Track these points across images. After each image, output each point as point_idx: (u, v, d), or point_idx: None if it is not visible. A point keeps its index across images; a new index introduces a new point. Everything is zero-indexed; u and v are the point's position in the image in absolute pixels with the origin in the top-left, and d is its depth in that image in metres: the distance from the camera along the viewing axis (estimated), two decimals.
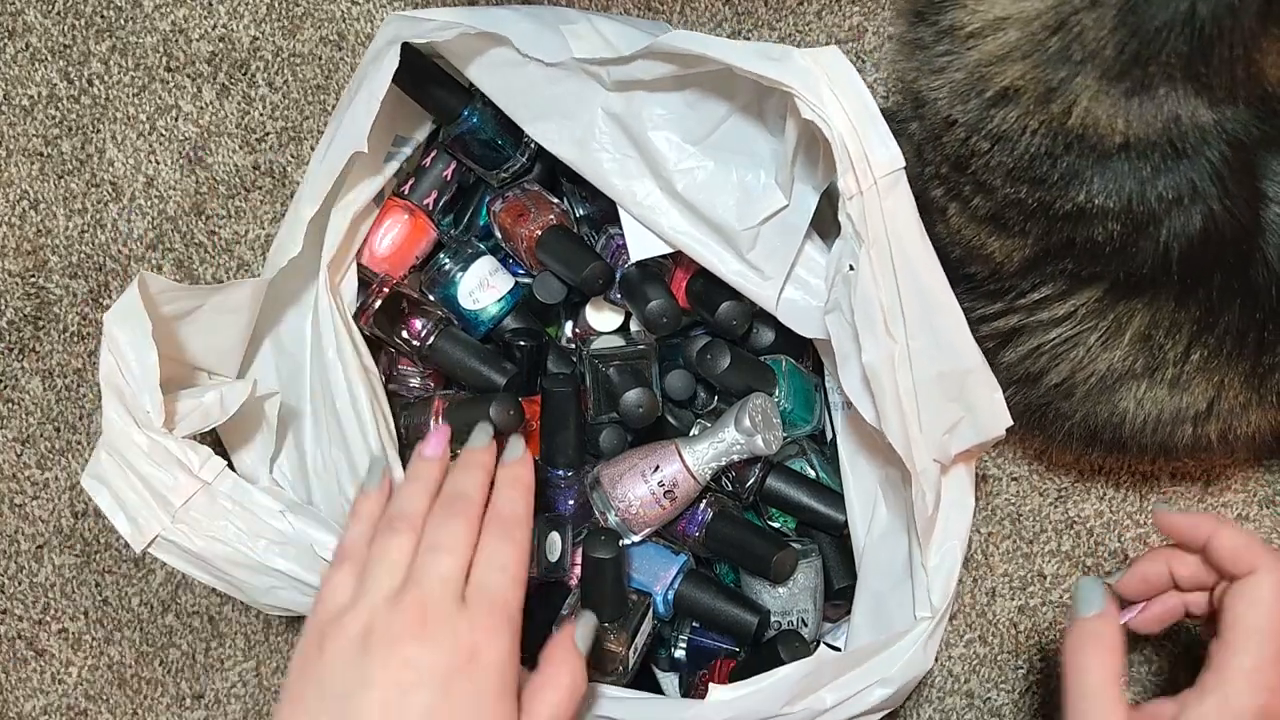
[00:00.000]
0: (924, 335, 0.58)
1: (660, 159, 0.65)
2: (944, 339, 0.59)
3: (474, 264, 0.74)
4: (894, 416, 0.59)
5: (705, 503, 0.72)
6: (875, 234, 0.56)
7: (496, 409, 0.67)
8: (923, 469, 0.60)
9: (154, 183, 0.88)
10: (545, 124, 0.66)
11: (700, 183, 0.65)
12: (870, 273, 0.56)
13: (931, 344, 0.58)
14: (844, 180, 0.55)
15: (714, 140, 0.65)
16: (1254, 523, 0.88)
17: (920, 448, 0.60)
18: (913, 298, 0.57)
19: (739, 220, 0.64)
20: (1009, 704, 0.88)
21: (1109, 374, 0.67)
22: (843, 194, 0.55)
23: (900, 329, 0.58)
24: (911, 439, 0.59)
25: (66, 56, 0.88)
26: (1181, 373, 0.65)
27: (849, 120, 0.54)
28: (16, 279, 0.88)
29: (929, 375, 0.59)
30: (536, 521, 0.68)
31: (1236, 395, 0.66)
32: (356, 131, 0.62)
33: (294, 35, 0.88)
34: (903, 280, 0.57)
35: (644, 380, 0.71)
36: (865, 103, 0.55)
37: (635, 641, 0.67)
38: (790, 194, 0.64)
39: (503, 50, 0.65)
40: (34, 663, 0.88)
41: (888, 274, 0.57)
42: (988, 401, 0.60)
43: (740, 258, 0.65)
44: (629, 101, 0.64)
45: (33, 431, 0.88)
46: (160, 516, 0.57)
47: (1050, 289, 0.65)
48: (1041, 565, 0.88)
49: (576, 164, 0.66)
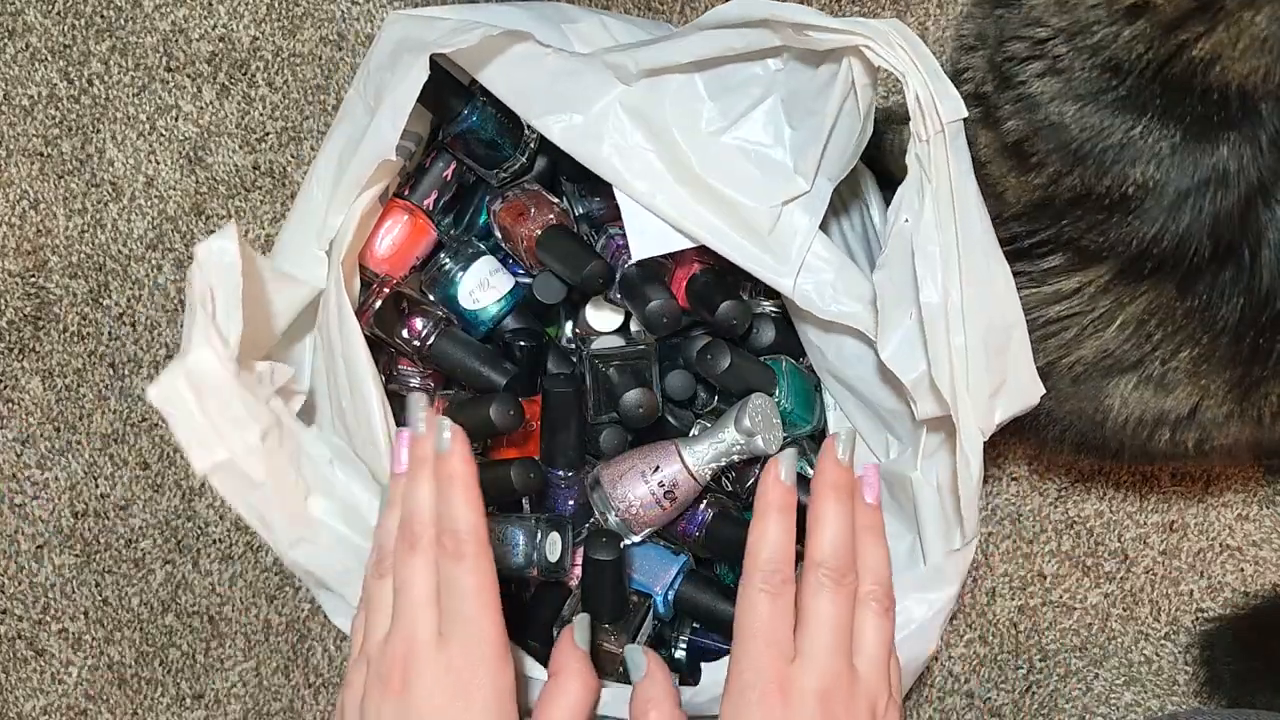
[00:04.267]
0: (975, 284, 0.60)
1: (678, 148, 0.65)
2: (994, 288, 0.61)
3: (474, 264, 0.74)
4: (945, 365, 0.60)
5: (705, 503, 0.72)
6: (940, 178, 0.59)
7: (496, 409, 0.67)
8: (968, 433, 0.60)
9: (154, 183, 0.88)
10: (555, 117, 0.66)
11: (720, 168, 0.66)
12: (933, 216, 0.59)
13: (981, 293, 0.60)
14: (915, 124, 0.58)
15: (736, 131, 0.66)
16: (1254, 523, 0.88)
17: (966, 409, 0.60)
18: (968, 245, 0.60)
19: (759, 201, 0.65)
20: (1009, 704, 0.88)
21: (1097, 362, 0.66)
22: (914, 136, 0.59)
23: (955, 283, 0.59)
24: (959, 397, 0.60)
25: (66, 56, 0.88)
26: (1168, 371, 0.65)
27: (919, 71, 0.57)
28: (16, 279, 0.88)
29: (978, 329, 0.60)
30: (537, 521, 0.68)
31: (1220, 405, 0.66)
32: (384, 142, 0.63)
33: (294, 35, 0.88)
34: (960, 226, 0.59)
35: (644, 380, 0.71)
36: (930, 58, 0.58)
37: (635, 642, 0.67)
38: (812, 181, 0.65)
39: (515, 46, 0.65)
40: (34, 663, 0.88)
41: (949, 219, 0.59)
42: (1025, 363, 0.62)
43: (756, 242, 0.66)
44: (649, 91, 0.65)
45: (33, 431, 0.88)
46: (233, 443, 0.57)
47: (1059, 259, 0.65)
48: (1041, 565, 0.88)
49: (585, 157, 0.66)
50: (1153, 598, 0.88)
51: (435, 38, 0.64)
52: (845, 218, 0.78)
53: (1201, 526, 0.88)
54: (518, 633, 0.66)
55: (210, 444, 0.57)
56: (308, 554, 0.62)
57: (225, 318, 0.58)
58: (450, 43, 0.63)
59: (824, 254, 0.67)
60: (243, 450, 0.57)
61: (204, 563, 0.88)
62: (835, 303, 0.67)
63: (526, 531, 0.67)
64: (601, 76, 0.65)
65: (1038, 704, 0.87)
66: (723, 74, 0.65)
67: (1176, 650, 0.88)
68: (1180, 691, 0.88)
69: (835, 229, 0.77)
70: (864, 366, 0.71)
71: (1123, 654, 0.88)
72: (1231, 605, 0.88)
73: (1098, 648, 0.88)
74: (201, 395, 0.56)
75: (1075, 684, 0.87)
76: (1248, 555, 0.88)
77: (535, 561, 0.67)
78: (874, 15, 0.88)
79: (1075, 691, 0.87)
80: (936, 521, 0.66)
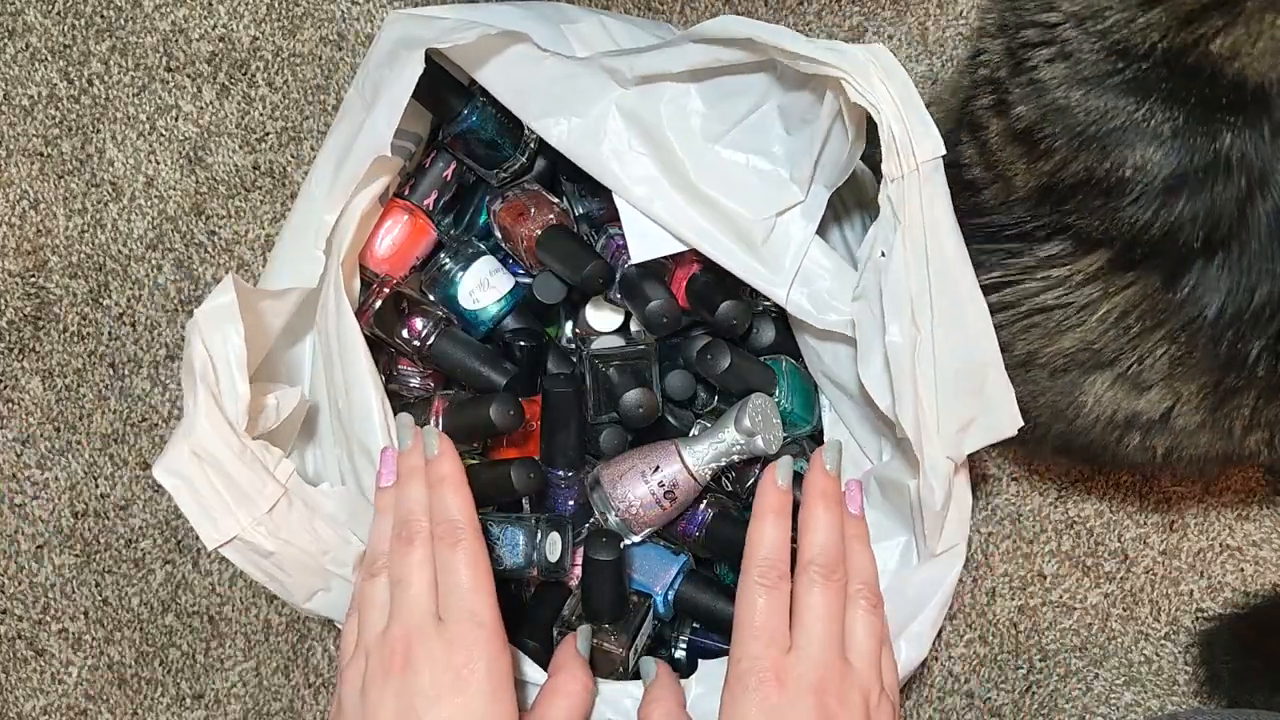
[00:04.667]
0: (948, 325, 0.60)
1: (674, 155, 0.65)
2: (967, 329, 0.61)
3: (474, 264, 0.74)
4: (909, 405, 0.60)
5: (705, 503, 0.72)
6: (912, 218, 0.58)
7: (496, 409, 0.67)
8: (933, 464, 0.60)
9: (154, 183, 0.88)
10: (553, 120, 0.66)
11: (715, 177, 0.66)
12: (903, 256, 0.59)
13: (955, 334, 0.60)
14: (888, 163, 0.58)
15: (731, 138, 0.66)
16: (1254, 523, 0.88)
17: (933, 442, 0.60)
18: (941, 284, 0.59)
19: (754, 212, 0.65)
20: (1009, 704, 0.88)
21: (1075, 354, 0.66)
22: (885, 176, 0.58)
23: (927, 319, 0.59)
24: (924, 430, 0.60)
25: (66, 56, 0.88)
26: (1144, 370, 0.65)
27: (896, 106, 0.57)
28: (16, 279, 0.88)
29: (949, 369, 0.60)
30: (537, 521, 0.68)
31: (1193, 412, 0.66)
32: (379, 138, 0.63)
33: (294, 35, 0.88)
34: (933, 266, 0.59)
35: (644, 380, 0.71)
36: (910, 93, 0.57)
37: (635, 643, 0.67)
38: (807, 190, 0.65)
39: (513, 46, 0.65)
40: (34, 663, 0.88)
41: (920, 259, 0.59)
42: (1002, 399, 0.62)
43: (751, 252, 0.65)
44: (645, 97, 0.65)
45: (33, 431, 0.88)
46: (241, 518, 0.58)
47: (1057, 246, 0.65)
48: (1041, 565, 0.88)
49: (584, 160, 0.66)
50: (1153, 598, 0.88)
51: (434, 36, 0.64)
52: (846, 219, 0.78)
53: (1201, 526, 0.88)
54: (517, 633, 0.67)
55: (219, 520, 0.57)
56: (322, 603, 0.63)
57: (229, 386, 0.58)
58: (447, 39, 0.63)
59: (822, 260, 0.67)
60: (250, 524, 0.58)
61: (204, 563, 0.88)
62: (831, 311, 0.67)
63: (526, 531, 0.67)
64: (599, 79, 0.65)
65: (1038, 704, 0.87)
66: (717, 82, 0.65)
67: (1176, 650, 0.88)
68: (1180, 691, 0.88)
69: (835, 231, 0.77)
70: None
71: (1123, 654, 0.88)
72: (1231, 605, 0.88)
73: (1098, 648, 0.88)
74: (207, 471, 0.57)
75: (1075, 684, 0.87)
76: (1248, 555, 0.88)
77: (535, 561, 0.67)
78: (874, 15, 0.88)
79: (1075, 691, 0.87)
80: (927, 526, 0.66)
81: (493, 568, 0.68)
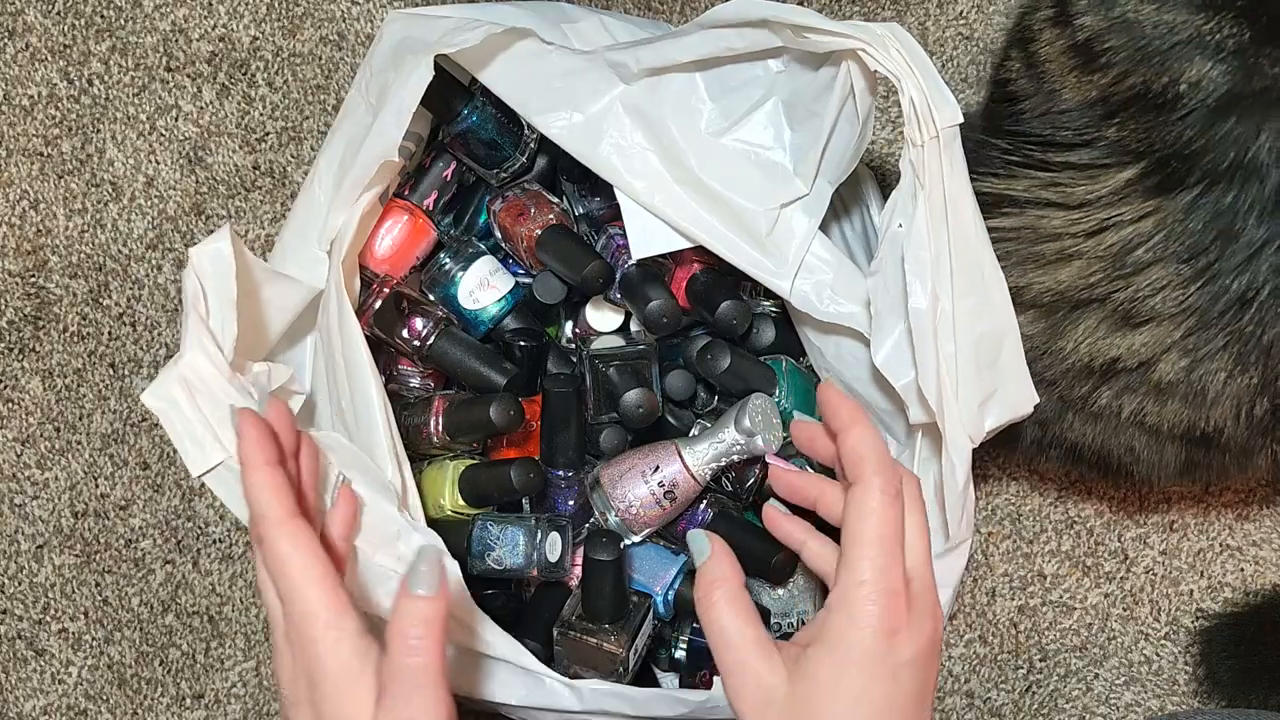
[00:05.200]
0: (967, 292, 0.60)
1: (678, 148, 0.65)
2: (986, 298, 0.61)
3: (474, 264, 0.74)
4: (931, 374, 0.60)
5: (705, 503, 0.72)
6: (933, 183, 0.59)
7: (496, 409, 0.67)
8: (954, 440, 0.60)
9: (154, 183, 0.88)
10: (555, 116, 0.66)
11: (720, 170, 0.66)
12: (925, 222, 0.59)
13: (973, 302, 0.61)
14: (909, 130, 0.58)
15: (736, 132, 0.66)
16: (1254, 523, 0.88)
17: (954, 417, 0.60)
18: (960, 251, 0.60)
19: (758, 204, 0.65)
20: (1009, 704, 0.88)
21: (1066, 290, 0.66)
22: (907, 141, 0.59)
23: (947, 290, 0.60)
24: (946, 405, 0.60)
25: (66, 56, 0.88)
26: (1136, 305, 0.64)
27: (915, 75, 0.57)
28: (16, 279, 0.88)
29: (969, 338, 0.60)
30: (537, 521, 0.68)
31: (1170, 366, 0.65)
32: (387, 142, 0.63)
33: (294, 35, 0.88)
34: (953, 233, 0.60)
35: (644, 380, 0.71)
36: (927, 63, 0.58)
37: (635, 643, 0.67)
38: (812, 184, 0.65)
39: (517, 43, 0.65)
40: (34, 663, 0.88)
41: (940, 225, 0.59)
42: (1018, 371, 0.62)
43: (754, 244, 0.66)
44: (650, 91, 0.65)
45: (33, 431, 0.88)
46: (227, 444, 0.57)
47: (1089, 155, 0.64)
48: (1041, 565, 0.88)
49: (585, 156, 0.66)
50: (1153, 598, 0.88)
51: (437, 37, 0.64)
52: (845, 218, 0.78)
53: (1201, 526, 0.88)
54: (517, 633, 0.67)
55: (205, 447, 0.57)
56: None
57: (219, 321, 0.59)
58: (454, 42, 0.62)
59: (824, 255, 0.67)
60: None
61: (204, 563, 0.88)
62: (833, 304, 0.67)
63: (526, 531, 0.67)
64: (602, 75, 0.65)
65: (1038, 704, 0.87)
66: (723, 75, 0.65)
67: (1176, 650, 0.88)
68: (1180, 691, 0.88)
69: (835, 230, 0.77)
70: (861, 367, 0.71)
71: (1123, 654, 0.88)
72: (1231, 605, 0.88)
73: (1098, 648, 0.88)
74: (195, 398, 0.57)
75: (1075, 684, 0.87)
76: (1248, 555, 0.89)
77: (535, 561, 0.67)
78: (874, 16, 0.88)
79: (1075, 691, 0.87)
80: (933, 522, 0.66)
81: (493, 568, 0.68)
